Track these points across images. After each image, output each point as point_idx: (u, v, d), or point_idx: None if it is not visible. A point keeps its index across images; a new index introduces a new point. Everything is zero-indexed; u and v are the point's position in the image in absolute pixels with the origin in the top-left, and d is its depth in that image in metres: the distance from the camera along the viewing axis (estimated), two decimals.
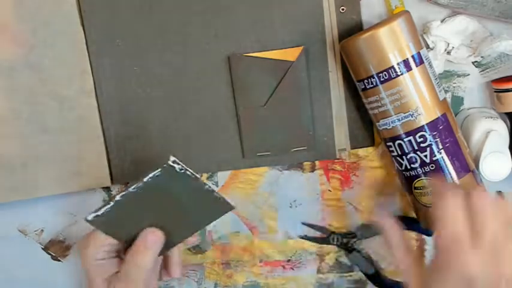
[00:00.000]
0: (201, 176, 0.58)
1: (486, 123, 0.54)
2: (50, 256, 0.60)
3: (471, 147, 0.54)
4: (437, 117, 0.50)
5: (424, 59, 0.50)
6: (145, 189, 0.47)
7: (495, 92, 0.55)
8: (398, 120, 0.50)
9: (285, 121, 0.56)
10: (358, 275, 0.61)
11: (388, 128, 0.51)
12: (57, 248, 0.60)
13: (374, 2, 0.55)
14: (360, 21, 0.55)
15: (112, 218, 0.47)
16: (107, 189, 0.59)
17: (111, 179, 0.57)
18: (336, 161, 0.58)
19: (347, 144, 0.57)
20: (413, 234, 0.59)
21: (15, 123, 0.55)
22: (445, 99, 0.52)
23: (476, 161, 0.53)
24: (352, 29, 0.55)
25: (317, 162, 0.58)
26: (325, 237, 0.59)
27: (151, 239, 0.48)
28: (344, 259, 0.61)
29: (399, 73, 0.49)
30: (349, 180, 0.58)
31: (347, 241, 0.59)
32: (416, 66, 0.49)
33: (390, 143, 0.52)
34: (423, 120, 0.50)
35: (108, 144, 0.56)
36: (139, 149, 0.57)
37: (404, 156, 0.51)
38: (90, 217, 0.47)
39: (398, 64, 0.49)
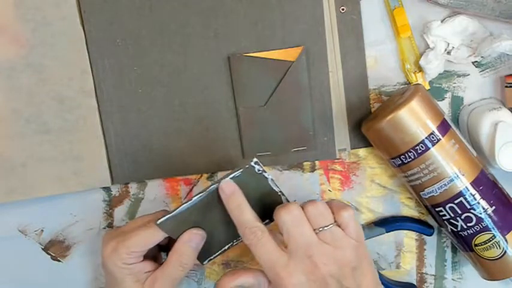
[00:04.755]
0: (201, 176, 0.58)
1: (492, 115, 0.53)
2: (50, 256, 0.60)
3: (481, 141, 0.53)
4: (478, 173, 0.51)
5: (449, 123, 0.51)
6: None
7: (506, 86, 0.54)
8: (445, 185, 0.50)
9: (285, 121, 0.56)
10: None
11: (435, 194, 0.51)
12: (57, 248, 0.60)
13: (374, 2, 0.55)
14: (360, 21, 0.55)
15: (182, 219, 0.48)
16: (107, 189, 0.59)
17: (111, 179, 0.57)
18: (336, 161, 0.58)
19: (347, 144, 0.57)
20: (413, 235, 0.59)
21: (15, 123, 0.55)
22: (476, 156, 0.52)
23: (491, 154, 0.53)
24: (352, 29, 0.55)
25: (317, 162, 0.58)
26: None
27: (196, 239, 0.49)
28: None
29: (430, 146, 0.49)
30: (349, 180, 0.58)
31: None
32: (444, 134, 0.50)
33: (440, 208, 0.52)
34: (467, 180, 0.50)
35: (108, 144, 0.56)
36: (139, 149, 0.57)
37: (458, 218, 0.51)
38: (160, 220, 0.47)
39: (427, 137, 0.49)
